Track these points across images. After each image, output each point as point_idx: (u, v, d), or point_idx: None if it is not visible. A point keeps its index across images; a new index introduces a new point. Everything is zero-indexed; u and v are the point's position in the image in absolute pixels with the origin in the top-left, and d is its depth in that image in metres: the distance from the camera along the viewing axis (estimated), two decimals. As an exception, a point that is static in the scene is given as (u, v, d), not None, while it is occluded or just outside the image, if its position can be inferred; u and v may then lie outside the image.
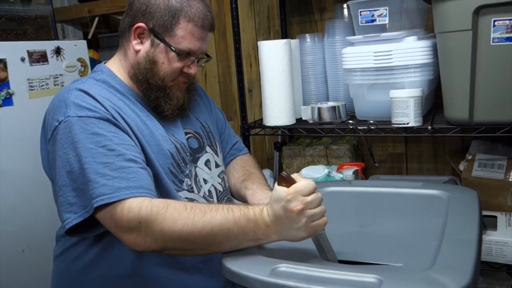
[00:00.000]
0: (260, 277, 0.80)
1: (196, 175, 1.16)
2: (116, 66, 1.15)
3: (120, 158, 0.97)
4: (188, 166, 1.14)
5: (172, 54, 1.09)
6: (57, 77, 2.00)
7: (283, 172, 0.89)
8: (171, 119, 1.15)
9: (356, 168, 1.80)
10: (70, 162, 0.98)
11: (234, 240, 0.91)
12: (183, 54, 1.09)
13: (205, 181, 1.18)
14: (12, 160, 1.83)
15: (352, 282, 0.77)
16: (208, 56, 1.19)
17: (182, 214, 0.92)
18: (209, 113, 1.32)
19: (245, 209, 0.92)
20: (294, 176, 0.89)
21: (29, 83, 1.90)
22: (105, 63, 1.18)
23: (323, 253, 0.90)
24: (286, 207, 0.86)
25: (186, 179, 1.12)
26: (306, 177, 0.89)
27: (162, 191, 1.07)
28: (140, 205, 0.93)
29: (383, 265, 0.85)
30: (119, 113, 1.04)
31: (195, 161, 1.17)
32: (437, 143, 1.99)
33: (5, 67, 1.82)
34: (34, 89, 1.92)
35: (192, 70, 1.13)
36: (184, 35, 1.08)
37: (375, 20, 1.58)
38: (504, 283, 1.66)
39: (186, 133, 1.18)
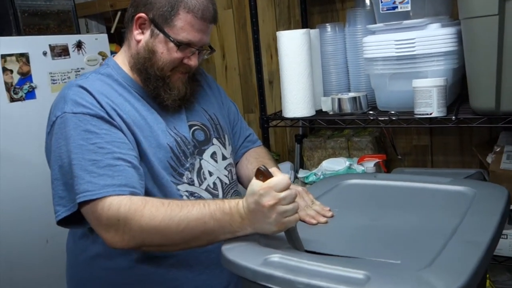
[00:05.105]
0: (251, 266, 0.80)
1: (200, 168, 1.16)
2: (122, 58, 1.16)
3: (108, 156, 0.99)
4: (189, 159, 1.13)
5: (171, 44, 1.08)
6: (79, 71, 2.03)
7: (261, 166, 0.89)
8: (174, 110, 1.15)
9: (378, 160, 1.76)
10: (61, 157, 1.00)
11: (211, 234, 0.93)
12: (182, 45, 1.09)
13: (210, 174, 1.18)
14: (37, 153, 1.84)
15: (339, 276, 0.75)
16: (212, 48, 1.18)
17: (159, 210, 0.93)
18: (219, 105, 1.30)
19: (221, 203, 0.93)
20: (272, 170, 0.89)
21: (51, 76, 1.93)
22: (113, 56, 1.19)
23: (291, 243, 0.90)
24: (259, 201, 0.86)
25: (186, 172, 1.12)
26: (284, 173, 0.90)
27: (159, 185, 1.08)
28: (120, 203, 0.95)
29: (380, 261, 0.82)
30: (115, 110, 1.05)
31: (200, 153, 1.17)
32: (464, 135, 1.93)
33: (27, 61, 1.85)
34: (56, 83, 1.94)
35: (192, 62, 1.12)
36: (183, 26, 1.07)
37: (396, 7, 1.53)
38: (534, 280, 1.59)
39: (191, 126, 1.18)
